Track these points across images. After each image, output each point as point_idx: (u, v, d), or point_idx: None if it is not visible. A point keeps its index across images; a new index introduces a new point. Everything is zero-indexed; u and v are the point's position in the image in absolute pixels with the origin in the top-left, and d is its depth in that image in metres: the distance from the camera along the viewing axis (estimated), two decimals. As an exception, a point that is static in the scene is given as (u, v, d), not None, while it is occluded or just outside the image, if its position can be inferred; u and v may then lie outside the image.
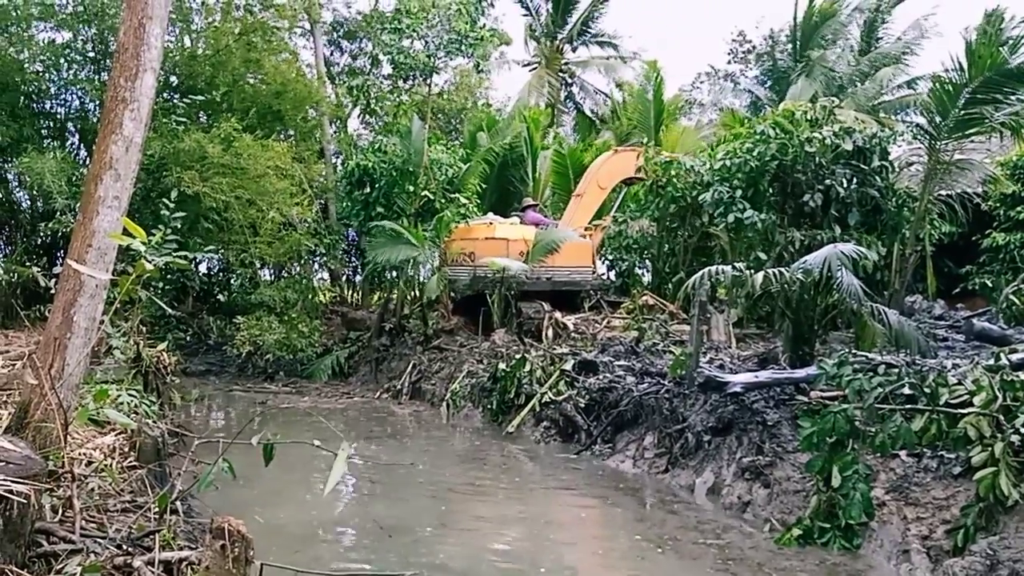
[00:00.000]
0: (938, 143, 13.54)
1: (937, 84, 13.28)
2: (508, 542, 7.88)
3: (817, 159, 14.18)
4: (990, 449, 6.53)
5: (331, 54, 28.47)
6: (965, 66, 12.37)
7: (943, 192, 14.82)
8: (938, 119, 13.28)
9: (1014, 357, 8.15)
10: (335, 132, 26.22)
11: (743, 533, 7.90)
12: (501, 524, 8.61)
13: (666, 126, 24.15)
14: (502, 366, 14.01)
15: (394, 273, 20.63)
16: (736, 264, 10.50)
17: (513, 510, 9.31)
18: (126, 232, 5.13)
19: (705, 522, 8.32)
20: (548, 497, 9.91)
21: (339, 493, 9.25)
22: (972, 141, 14.63)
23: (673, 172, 17.55)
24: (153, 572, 4.21)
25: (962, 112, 12.87)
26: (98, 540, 4.57)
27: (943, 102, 12.98)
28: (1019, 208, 16.78)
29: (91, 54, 18.73)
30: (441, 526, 8.23)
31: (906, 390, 7.78)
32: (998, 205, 17.15)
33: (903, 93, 27.75)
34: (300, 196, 19.89)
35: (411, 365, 17.41)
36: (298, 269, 23.98)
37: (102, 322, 5.55)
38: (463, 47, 20.17)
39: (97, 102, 18.22)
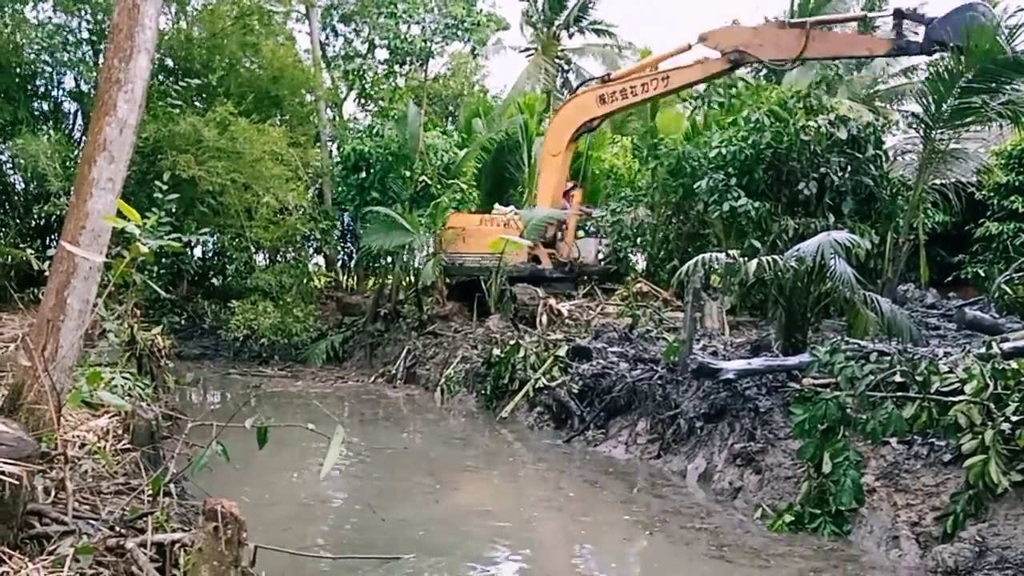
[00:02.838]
0: (933, 132, 13.52)
1: (933, 73, 13.25)
2: (497, 524, 7.92)
3: (812, 147, 14.19)
4: (980, 437, 6.57)
5: (327, 38, 28.32)
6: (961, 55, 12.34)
7: (937, 181, 14.82)
8: (933, 108, 13.26)
9: (1005, 346, 8.19)
10: (331, 117, 26.14)
11: (732, 518, 7.93)
12: (491, 507, 8.66)
13: (661, 112, 24.07)
14: (496, 351, 14.03)
15: (389, 258, 20.63)
16: (730, 252, 10.52)
17: (504, 493, 9.37)
18: (120, 215, 5.13)
19: (691, 506, 8.37)
20: (539, 481, 9.96)
21: (331, 475, 9.27)
22: (967, 130, 14.59)
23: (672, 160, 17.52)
24: (146, 554, 4.22)
25: (957, 101, 12.84)
26: (91, 522, 4.58)
27: (939, 91, 12.95)
28: (1013, 198, 16.78)
29: (86, 35, 18.65)
30: (432, 508, 8.27)
31: (897, 378, 7.83)
32: (992, 194, 17.16)
33: (899, 81, 27.70)
34: (296, 181, 19.87)
35: (405, 350, 17.43)
36: (293, 254, 23.95)
37: (96, 305, 5.55)
38: (460, 32, 20.09)
39: (92, 84, 18.14)
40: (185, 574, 4.09)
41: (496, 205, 20.48)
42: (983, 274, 16.71)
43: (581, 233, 20.08)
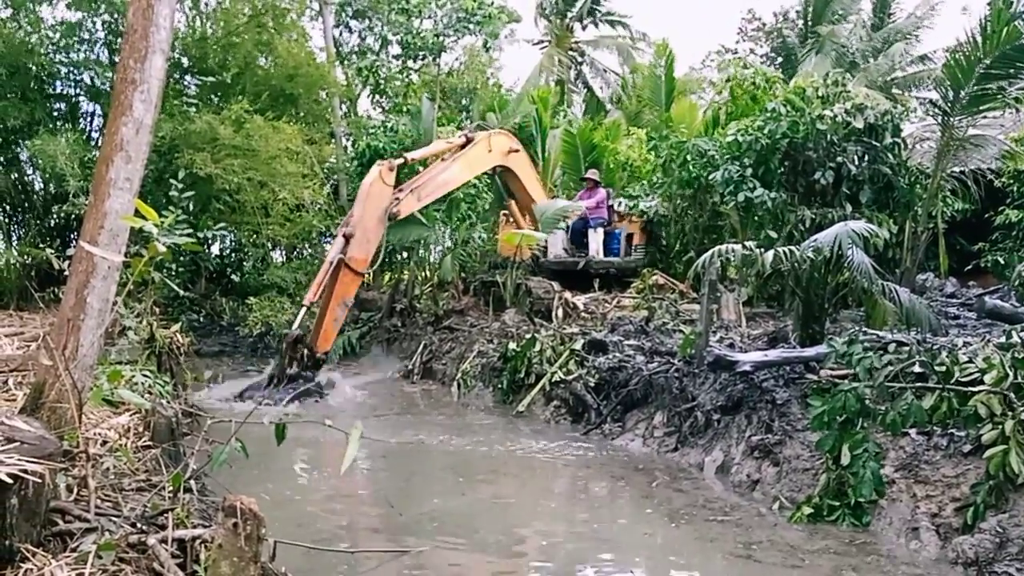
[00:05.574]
0: (951, 119, 13.41)
1: (951, 59, 13.13)
2: (516, 518, 7.94)
3: (828, 136, 14.08)
4: (1001, 427, 6.53)
5: (340, 35, 28.35)
6: (979, 41, 12.22)
7: (956, 169, 14.69)
8: (951, 95, 13.15)
9: (1025, 335, 8.12)
10: (345, 113, 26.17)
11: (756, 513, 7.89)
12: (510, 500, 8.68)
13: (676, 103, 23.97)
14: (512, 346, 14.04)
15: (405, 254, 20.66)
16: (746, 243, 10.47)
17: (522, 487, 9.37)
18: (138, 214, 5.16)
19: (712, 500, 8.33)
20: (557, 474, 9.97)
21: (348, 469, 9.29)
22: (986, 117, 14.45)
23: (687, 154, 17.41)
24: (167, 550, 4.26)
25: (976, 87, 12.72)
26: (113, 519, 4.62)
27: (957, 77, 12.83)
28: (1033, 185, 16.62)
29: (101, 35, 18.75)
30: (450, 502, 8.29)
31: (917, 368, 7.77)
32: (1012, 182, 16.96)
33: (916, 69, 27.47)
34: (311, 178, 19.92)
35: (422, 345, 17.45)
36: (309, 250, 23.99)
37: (115, 303, 5.59)
38: (471, 25, 20.07)
39: (109, 84, 18.24)
40: (206, 570, 4.12)
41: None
42: (1003, 262, 16.54)
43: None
